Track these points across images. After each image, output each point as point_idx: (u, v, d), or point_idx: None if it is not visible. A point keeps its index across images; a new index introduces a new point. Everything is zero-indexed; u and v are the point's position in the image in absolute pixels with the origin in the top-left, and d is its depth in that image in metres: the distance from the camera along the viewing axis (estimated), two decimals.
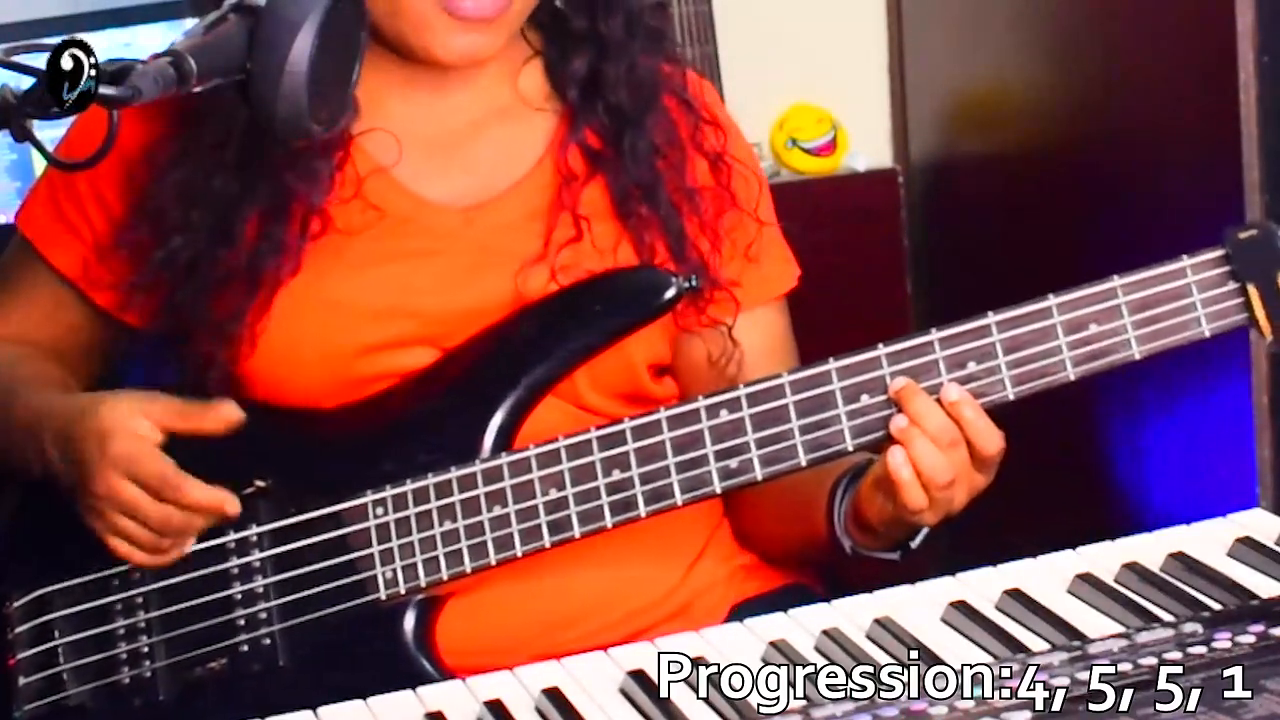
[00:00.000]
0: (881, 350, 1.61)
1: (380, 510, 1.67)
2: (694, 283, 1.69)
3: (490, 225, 1.74)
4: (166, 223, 1.73)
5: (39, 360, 1.83)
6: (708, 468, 1.62)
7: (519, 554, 1.64)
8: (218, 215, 1.71)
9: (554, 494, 1.63)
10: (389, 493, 1.67)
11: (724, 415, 1.61)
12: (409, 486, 1.66)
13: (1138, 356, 1.60)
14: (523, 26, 1.79)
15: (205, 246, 1.72)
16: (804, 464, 1.62)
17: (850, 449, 1.61)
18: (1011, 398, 1.61)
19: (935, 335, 1.60)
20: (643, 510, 1.63)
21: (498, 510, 1.64)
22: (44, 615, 1.75)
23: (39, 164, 2.76)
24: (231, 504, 1.64)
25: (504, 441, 1.67)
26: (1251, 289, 1.58)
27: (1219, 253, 1.60)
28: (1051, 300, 1.60)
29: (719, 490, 1.62)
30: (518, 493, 1.64)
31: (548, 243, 1.73)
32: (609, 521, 1.63)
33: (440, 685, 1.55)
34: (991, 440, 1.60)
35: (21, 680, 1.76)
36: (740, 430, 1.61)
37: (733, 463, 1.61)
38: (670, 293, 1.69)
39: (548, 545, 1.64)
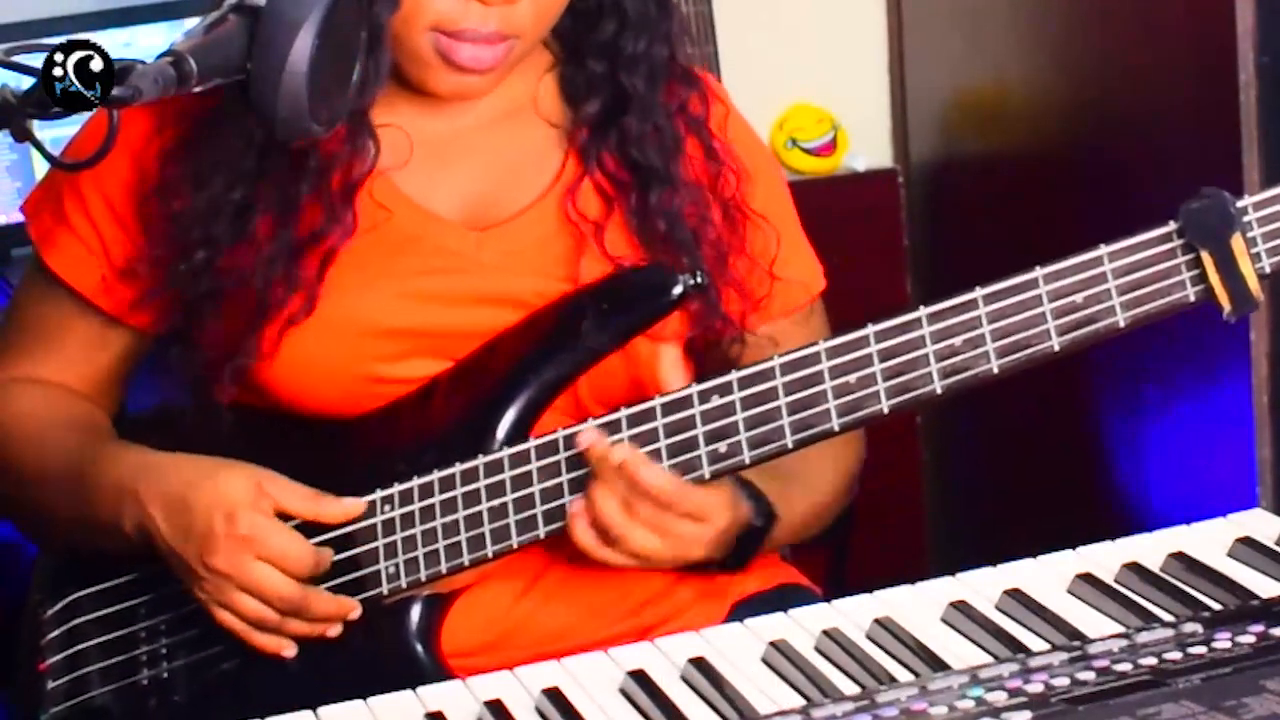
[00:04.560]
0: (870, 329, 1.60)
1: (387, 507, 1.67)
2: (699, 280, 1.69)
3: (504, 249, 1.72)
4: (184, 231, 1.70)
5: (94, 411, 1.82)
6: (697, 452, 1.61)
7: (514, 546, 1.64)
8: (233, 221, 1.70)
9: (549, 484, 1.63)
10: (396, 489, 1.67)
11: (715, 400, 1.61)
12: (415, 483, 1.66)
13: (1122, 325, 1.59)
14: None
15: (220, 251, 1.70)
16: (790, 445, 1.60)
17: (836, 429, 1.60)
18: (996, 371, 1.59)
19: (923, 312, 1.60)
20: None
21: (496, 502, 1.64)
22: (74, 619, 1.77)
23: (39, 164, 2.76)
24: (356, 609, 1.67)
25: (515, 444, 1.66)
26: (1205, 256, 1.57)
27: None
28: (1038, 272, 1.59)
29: (707, 476, 1.61)
30: (516, 484, 1.64)
31: (567, 263, 1.72)
32: None
33: (440, 685, 1.55)
34: (663, 488, 1.59)
35: (50, 683, 1.78)
36: (730, 413, 1.61)
37: (721, 446, 1.61)
38: (677, 290, 1.68)
39: (541, 536, 1.64)
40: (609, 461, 1.59)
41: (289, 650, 1.67)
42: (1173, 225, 1.58)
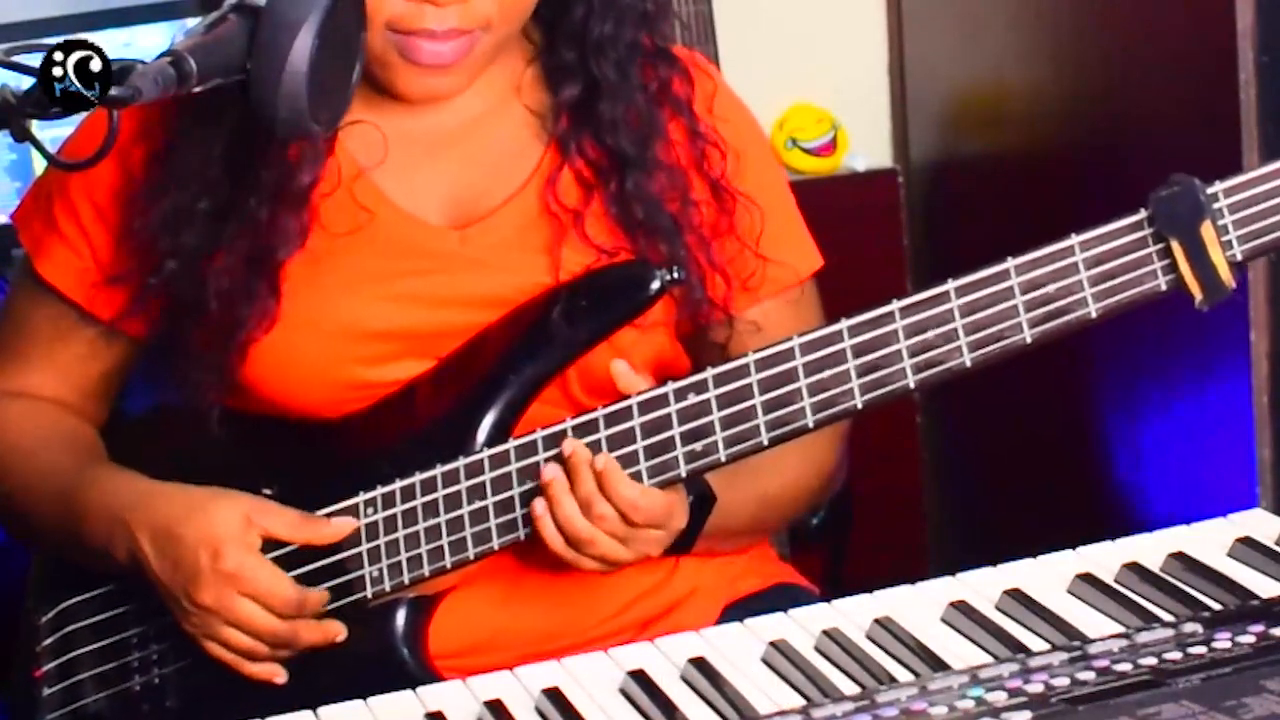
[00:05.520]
0: (844, 324, 1.60)
1: (370, 510, 1.67)
2: (678, 275, 1.68)
3: (487, 243, 1.72)
4: (159, 228, 1.70)
5: (84, 427, 1.82)
6: (674, 452, 1.61)
7: (495, 547, 1.64)
8: (202, 231, 1.69)
9: (530, 485, 1.63)
10: (379, 492, 1.67)
11: (691, 398, 1.61)
12: (397, 485, 1.66)
13: (1094, 315, 1.57)
14: (525, 26, 1.76)
15: (192, 261, 1.70)
16: (766, 442, 1.60)
17: (811, 425, 1.60)
18: (969, 364, 1.58)
19: (896, 305, 1.60)
20: None
21: (477, 504, 1.64)
22: (68, 626, 1.78)
23: (39, 164, 2.76)
24: (341, 633, 1.67)
25: (498, 441, 1.67)
26: (1175, 245, 1.55)
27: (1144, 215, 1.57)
28: (1010, 262, 1.58)
29: (683, 474, 1.61)
30: (496, 486, 1.64)
31: (549, 253, 1.72)
32: None
33: (440, 685, 1.55)
34: (633, 507, 1.60)
35: (45, 690, 1.78)
36: (706, 412, 1.61)
37: (697, 446, 1.61)
38: (655, 285, 1.68)
39: (522, 538, 1.64)
40: (583, 467, 1.59)
41: (280, 678, 1.67)
42: (1143, 213, 1.57)
